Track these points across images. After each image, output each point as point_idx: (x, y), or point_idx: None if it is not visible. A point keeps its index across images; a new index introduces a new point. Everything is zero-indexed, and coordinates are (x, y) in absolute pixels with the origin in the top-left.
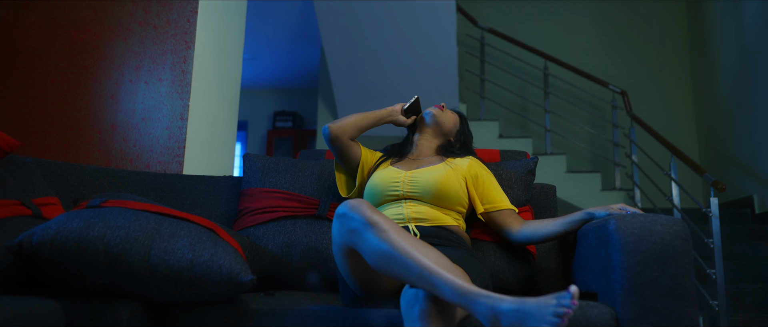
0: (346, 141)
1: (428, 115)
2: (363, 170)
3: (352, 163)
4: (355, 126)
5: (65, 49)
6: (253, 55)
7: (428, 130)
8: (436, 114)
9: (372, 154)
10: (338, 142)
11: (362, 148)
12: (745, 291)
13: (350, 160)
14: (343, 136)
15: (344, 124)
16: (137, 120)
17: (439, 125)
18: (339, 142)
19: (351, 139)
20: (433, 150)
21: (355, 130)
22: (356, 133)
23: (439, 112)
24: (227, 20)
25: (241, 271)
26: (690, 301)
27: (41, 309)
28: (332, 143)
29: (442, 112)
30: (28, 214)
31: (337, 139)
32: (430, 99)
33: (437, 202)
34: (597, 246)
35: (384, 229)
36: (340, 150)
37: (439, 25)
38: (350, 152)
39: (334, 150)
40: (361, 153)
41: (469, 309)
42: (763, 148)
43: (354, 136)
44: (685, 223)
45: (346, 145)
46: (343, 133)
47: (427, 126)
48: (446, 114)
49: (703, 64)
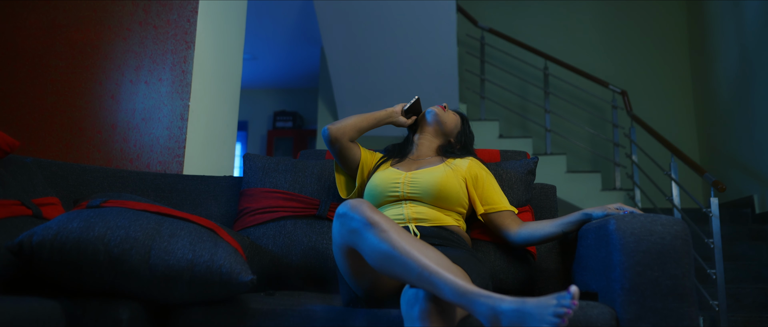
0: (345, 142)
1: (430, 113)
2: (363, 171)
3: (352, 164)
4: (354, 127)
5: (65, 49)
6: (253, 55)
7: (429, 130)
8: (438, 113)
9: (372, 154)
10: (338, 144)
11: (362, 150)
12: (745, 291)
13: (350, 161)
14: (343, 138)
15: (344, 125)
16: (137, 120)
17: (441, 124)
18: (338, 143)
19: (351, 141)
20: (434, 150)
21: (354, 132)
22: (356, 135)
23: (441, 112)
24: (227, 20)
25: (241, 271)
26: (690, 301)
27: (41, 309)
28: (332, 145)
29: (444, 112)
30: (28, 214)
31: (336, 140)
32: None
33: (437, 202)
34: (597, 246)
35: (384, 228)
36: (340, 151)
37: (439, 25)
38: (350, 154)
39: (333, 151)
40: (360, 154)
41: (469, 309)
42: (763, 148)
43: (354, 137)
44: (686, 223)
45: (345, 147)
46: (343, 134)
47: (428, 125)
48: (448, 114)
49: (703, 64)
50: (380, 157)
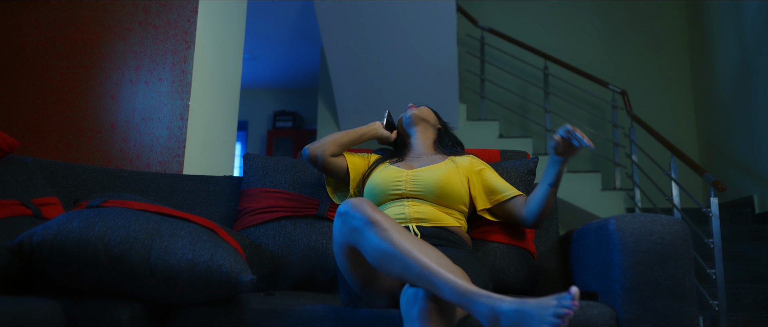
0: (327, 158)
1: (407, 115)
2: (356, 176)
3: (339, 175)
4: (334, 143)
5: (65, 49)
6: (253, 55)
7: (416, 128)
8: (412, 110)
9: (363, 158)
10: (319, 161)
11: (349, 157)
12: (745, 291)
13: (336, 173)
14: (323, 154)
15: (322, 142)
16: (137, 120)
17: (422, 118)
18: (319, 160)
19: (333, 156)
20: (431, 145)
21: (335, 147)
22: (337, 150)
23: (414, 109)
24: (227, 20)
25: (241, 271)
26: (690, 301)
27: (41, 309)
28: (313, 163)
29: (416, 107)
30: (28, 214)
31: (315, 158)
32: (430, 99)
33: (439, 200)
34: (597, 246)
35: (385, 227)
36: (323, 167)
37: (439, 25)
38: (333, 167)
39: (317, 168)
40: (346, 163)
41: (468, 309)
42: (763, 148)
43: (335, 152)
44: (685, 223)
45: (328, 162)
46: (322, 151)
47: (413, 125)
48: (421, 108)
49: (703, 64)
50: (375, 157)
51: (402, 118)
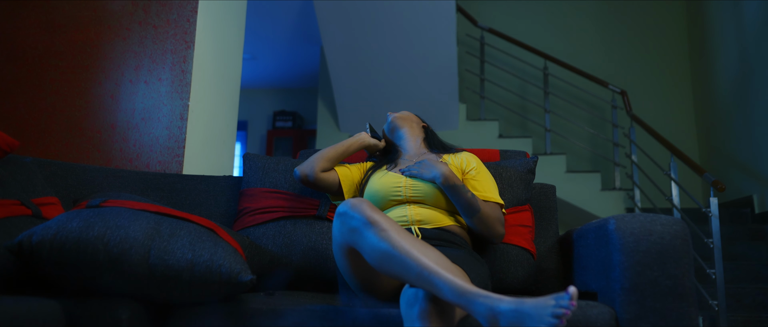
0: (318, 175)
1: (389, 120)
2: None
3: (333, 189)
4: (323, 158)
5: (65, 49)
6: (253, 55)
7: (402, 130)
8: (394, 114)
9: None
10: (310, 178)
11: (340, 170)
12: (745, 291)
13: (329, 188)
14: (314, 171)
15: (311, 160)
16: (137, 120)
17: (405, 118)
18: (311, 177)
19: (323, 171)
20: (422, 144)
21: (324, 162)
22: (328, 164)
23: (394, 114)
24: (227, 20)
25: (241, 271)
26: (690, 301)
27: (41, 309)
28: (305, 183)
29: (395, 112)
30: (27, 214)
31: (306, 177)
32: (430, 99)
33: (440, 204)
34: (597, 246)
35: (384, 228)
36: (315, 184)
37: (439, 25)
38: (326, 183)
39: (309, 187)
40: (338, 177)
41: (467, 309)
42: (763, 148)
43: (325, 167)
44: (685, 223)
45: (319, 178)
46: (312, 169)
47: (398, 128)
48: (400, 112)
49: (703, 64)
50: (369, 165)
51: (386, 124)
